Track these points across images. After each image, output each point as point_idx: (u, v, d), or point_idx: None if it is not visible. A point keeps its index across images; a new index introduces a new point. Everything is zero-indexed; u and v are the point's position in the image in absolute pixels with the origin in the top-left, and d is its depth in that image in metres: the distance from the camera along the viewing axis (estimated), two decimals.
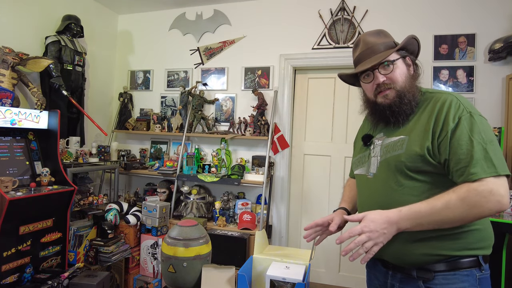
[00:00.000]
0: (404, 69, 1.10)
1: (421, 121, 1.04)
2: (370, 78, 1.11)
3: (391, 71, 1.08)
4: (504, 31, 2.50)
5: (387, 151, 1.09)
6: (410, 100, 1.07)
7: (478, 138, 0.93)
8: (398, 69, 1.09)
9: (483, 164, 0.91)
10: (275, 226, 3.08)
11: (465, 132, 0.95)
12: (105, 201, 2.85)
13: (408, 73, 1.10)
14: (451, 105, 0.99)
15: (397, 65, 1.09)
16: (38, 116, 2.32)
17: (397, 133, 1.09)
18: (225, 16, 3.31)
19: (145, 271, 2.76)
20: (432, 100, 1.06)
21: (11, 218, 1.91)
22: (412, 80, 1.10)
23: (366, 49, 1.12)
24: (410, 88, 1.07)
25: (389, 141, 1.10)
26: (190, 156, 3.09)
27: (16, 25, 2.60)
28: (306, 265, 1.23)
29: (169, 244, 1.19)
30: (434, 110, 1.02)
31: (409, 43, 1.13)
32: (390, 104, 1.08)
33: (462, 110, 0.98)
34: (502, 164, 0.92)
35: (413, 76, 1.11)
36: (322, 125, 3.12)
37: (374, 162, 1.13)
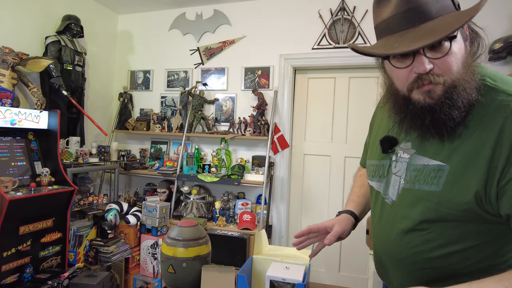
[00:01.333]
0: (462, 50, 0.68)
1: (474, 142, 0.67)
2: (408, 61, 0.68)
3: (445, 53, 0.66)
4: (504, 31, 2.50)
5: (415, 178, 0.76)
6: (465, 102, 0.68)
7: None
8: (457, 48, 0.67)
9: None
10: (275, 226, 3.08)
11: None
12: (105, 201, 2.86)
13: (466, 54, 0.69)
14: None
15: (455, 44, 0.67)
16: (38, 116, 2.32)
17: (435, 153, 0.73)
18: (225, 16, 3.31)
19: (145, 271, 2.76)
20: (494, 105, 0.67)
21: (11, 218, 1.91)
22: (471, 67, 0.69)
23: (407, 9, 0.66)
24: (467, 81, 0.68)
25: (420, 162, 0.75)
26: (190, 156, 3.09)
27: (16, 25, 2.60)
28: (306, 265, 1.23)
29: (169, 244, 1.19)
30: (495, 128, 0.65)
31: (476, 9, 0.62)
32: (434, 107, 0.69)
33: None
34: None
35: (471, 59, 0.70)
36: (322, 125, 3.12)
37: (395, 185, 0.81)
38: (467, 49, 0.70)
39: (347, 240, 0.81)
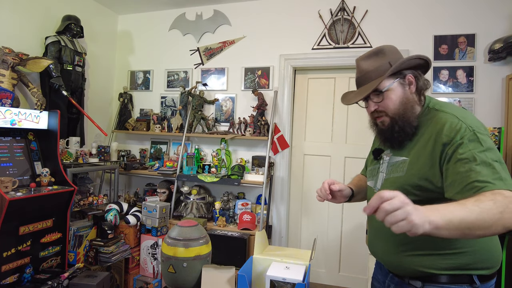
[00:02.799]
0: (400, 93, 1.07)
1: (422, 143, 1.03)
2: (366, 104, 1.13)
3: (382, 99, 1.07)
4: (504, 31, 2.50)
5: (391, 171, 1.11)
6: (403, 127, 1.06)
7: (486, 158, 0.89)
8: (393, 94, 1.06)
9: (497, 180, 0.86)
10: (275, 226, 3.08)
11: (468, 150, 0.91)
12: (105, 202, 2.85)
13: (405, 95, 1.07)
14: (452, 126, 0.96)
15: (391, 90, 1.06)
16: (38, 116, 2.32)
17: (401, 153, 1.10)
18: (225, 17, 3.31)
19: (145, 271, 2.76)
20: (434, 120, 1.03)
21: (11, 218, 1.91)
22: (410, 102, 1.07)
23: (360, 76, 1.12)
24: (405, 113, 1.06)
25: (394, 160, 1.11)
26: (190, 156, 3.09)
27: (16, 25, 2.60)
28: (306, 265, 1.23)
29: (169, 244, 1.19)
30: (433, 133, 1.00)
31: (407, 64, 1.07)
32: (387, 130, 1.09)
33: (465, 129, 0.94)
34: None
35: (412, 97, 1.08)
36: (322, 125, 3.12)
37: (381, 178, 1.15)
38: (410, 89, 1.07)
39: (347, 240, 0.87)
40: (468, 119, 0.98)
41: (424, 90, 1.10)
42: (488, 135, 0.97)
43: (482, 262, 0.99)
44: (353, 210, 2.96)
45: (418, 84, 1.08)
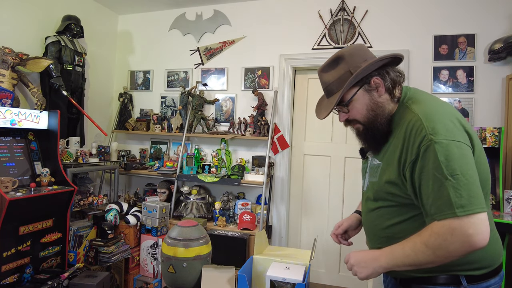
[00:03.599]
0: (366, 100, 1.02)
1: (392, 147, 1.00)
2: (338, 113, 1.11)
3: (348, 110, 1.05)
4: (504, 31, 2.50)
5: (371, 174, 1.10)
6: (373, 135, 1.03)
7: (437, 173, 0.84)
8: (358, 103, 1.03)
9: (441, 204, 0.84)
10: (275, 226, 3.08)
11: (425, 166, 0.87)
12: (105, 202, 2.85)
13: (373, 100, 1.02)
14: (414, 130, 0.91)
15: (355, 100, 1.03)
16: (38, 116, 2.32)
17: (378, 156, 1.07)
18: (225, 17, 3.31)
19: (145, 271, 2.76)
20: (403, 121, 0.98)
21: (11, 218, 1.91)
22: (380, 107, 1.02)
23: (324, 88, 1.10)
24: (376, 119, 1.02)
25: (373, 163, 1.09)
26: (190, 157, 3.09)
27: (16, 25, 2.60)
28: (306, 266, 1.23)
29: (169, 244, 1.19)
30: (401, 135, 0.96)
31: (371, 69, 1.01)
32: (363, 137, 1.08)
33: (423, 136, 0.88)
34: (466, 200, 0.82)
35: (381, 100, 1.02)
36: (322, 125, 3.11)
37: (367, 180, 1.14)
38: (378, 92, 1.02)
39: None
40: (432, 120, 0.90)
41: (397, 84, 1.03)
42: (454, 135, 0.87)
43: (472, 262, 0.94)
44: (353, 210, 2.95)
45: (386, 84, 1.02)
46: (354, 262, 1.01)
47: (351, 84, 1.00)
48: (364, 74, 1.00)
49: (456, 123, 0.91)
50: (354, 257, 1.01)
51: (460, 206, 0.81)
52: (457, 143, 0.86)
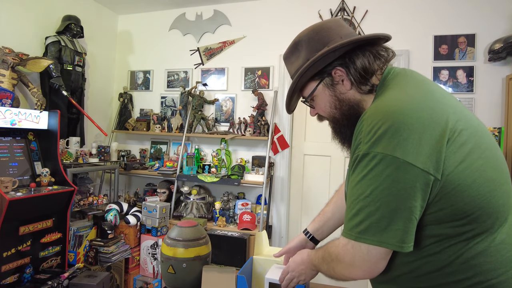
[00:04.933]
0: (326, 98, 0.86)
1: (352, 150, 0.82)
2: None
3: (313, 103, 0.91)
4: (504, 31, 2.50)
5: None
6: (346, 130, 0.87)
7: (356, 189, 0.71)
8: (319, 99, 0.88)
9: (346, 223, 0.74)
10: (275, 226, 3.08)
11: (352, 175, 0.74)
12: (105, 202, 2.85)
13: (336, 96, 0.84)
14: (357, 131, 0.75)
15: (316, 95, 0.88)
16: (38, 116, 2.32)
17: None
18: (225, 17, 3.31)
19: (145, 271, 2.76)
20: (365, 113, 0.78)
21: (11, 219, 1.91)
22: (345, 103, 0.84)
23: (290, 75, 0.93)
24: (341, 117, 0.86)
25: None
26: (190, 157, 3.09)
27: (16, 25, 2.60)
28: None
29: (169, 244, 1.19)
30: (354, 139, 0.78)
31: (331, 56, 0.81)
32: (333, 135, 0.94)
33: (361, 143, 0.71)
34: (367, 229, 0.68)
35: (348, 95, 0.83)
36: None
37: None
38: (340, 88, 0.83)
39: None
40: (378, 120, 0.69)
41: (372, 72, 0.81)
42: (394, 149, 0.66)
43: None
44: None
45: (355, 77, 0.81)
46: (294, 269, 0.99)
47: (307, 76, 0.85)
48: (321, 65, 0.82)
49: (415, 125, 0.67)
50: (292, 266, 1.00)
51: (358, 231, 0.70)
52: (390, 158, 0.66)
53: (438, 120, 0.68)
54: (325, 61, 0.82)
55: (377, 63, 0.81)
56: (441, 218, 0.69)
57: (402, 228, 0.67)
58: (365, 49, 0.81)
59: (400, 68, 0.85)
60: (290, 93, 0.91)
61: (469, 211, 0.68)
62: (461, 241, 0.69)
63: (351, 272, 0.74)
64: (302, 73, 0.84)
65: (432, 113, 0.68)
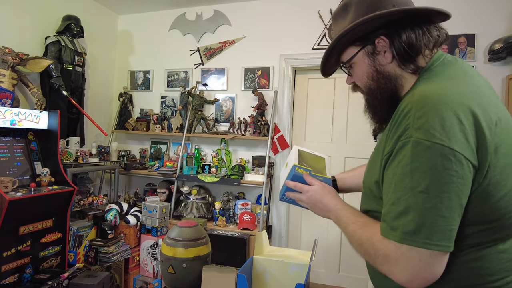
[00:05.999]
0: (364, 67, 0.82)
1: (383, 137, 0.76)
2: None
3: (351, 70, 0.87)
4: (504, 32, 2.50)
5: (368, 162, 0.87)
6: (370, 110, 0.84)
7: (401, 181, 0.65)
8: (357, 67, 0.84)
9: (390, 219, 0.66)
10: (275, 226, 3.08)
11: (395, 167, 0.67)
12: (105, 202, 2.85)
13: (374, 67, 0.80)
14: (401, 116, 0.68)
15: (355, 63, 0.84)
16: (38, 116, 2.32)
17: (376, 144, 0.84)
18: (225, 17, 3.30)
19: (145, 271, 2.76)
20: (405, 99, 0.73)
21: (11, 219, 1.91)
22: (382, 76, 0.79)
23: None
24: (377, 90, 0.80)
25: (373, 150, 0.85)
26: (190, 157, 3.09)
27: (16, 25, 2.60)
28: (306, 266, 1.23)
29: (169, 244, 1.19)
30: (391, 121, 0.72)
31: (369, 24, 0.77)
32: (365, 108, 0.87)
33: (405, 128, 0.65)
34: (414, 227, 0.62)
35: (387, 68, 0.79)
36: (322, 125, 3.12)
37: None
38: (380, 59, 0.79)
39: (347, 240, 0.86)
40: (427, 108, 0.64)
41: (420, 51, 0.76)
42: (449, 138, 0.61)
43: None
44: None
45: (399, 50, 0.76)
46: (307, 201, 0.94)
47: (350, 39, 0.81)
48: (366, 30, 0.78)
49: (466, 120, 0.62)
50: (310, 197, 0.93)
51: (408, 232, 0.63)
52: (447, 150, 0.61)
53: (487, 119, 0.65)
54: (370, 27, 0.77)
55: (424, 41, 0.76)
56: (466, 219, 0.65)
57: (455, 228, 0.63)
58: (416, 23, 0.76)
59: (451, 56, 0.79)
60: (328, 52, 0.86)
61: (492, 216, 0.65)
62: (469, 245, 0.67)
63: (397, 278, 0.65)
64: (343, 35, 0.79)
65: (483, 111, 0.65)
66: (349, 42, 0.82)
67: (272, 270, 1.25)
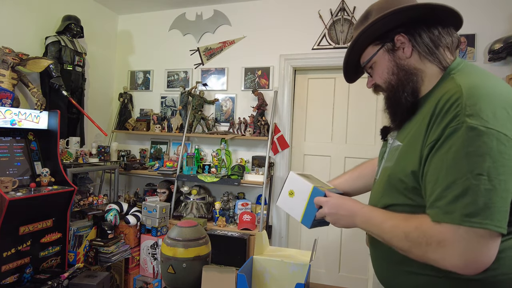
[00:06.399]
0: (385, 63, 0.86)
1: (418, 123, 0.78)
2: None
3: (372, 71, 0.92)
4: (504, 32, 2.50)
5: (387, 158, 0.90)
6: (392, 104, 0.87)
7: (456, 165, 0.65)
8: (378, 65, 0.88)
9: (444, 203, 0.66)
10: (275, 226, 3.08)
11: (444, 153, 0.68)
12: (105, 202, 2.85)
13: (395, 62, 0.84)
14: (445, 105, 0.70)
15: (375, 62, 0.89)
16: (38, 116, 2.32)
17: (400, 136, 0.87)
18: (225, 17, 3.30)
19: (145, 271, 2.76)
20: (441, 90, 0.75)
21: (11, 219, 1.91)
22: (404, 70, 0.83)
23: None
24: (398, 85, 0.84)
25: (394, 144, 0.88)
26: (190, 157, 3.09)
27: (16, 25, 2.60)
28: (306, 266, 1.23)
29: (169, 244, 1.19)
30: (431, 110, 0.73)
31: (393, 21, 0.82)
32: (385, 107, 0.91)
33: (455, 115, 0.67)
34: (479, 209, 0.62)
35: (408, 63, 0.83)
36: (322, 125, 3.12)
37: (381, 166, 0.94)
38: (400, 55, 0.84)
39: (347, 240, 0.86)
40: (478, 98, 0.67)
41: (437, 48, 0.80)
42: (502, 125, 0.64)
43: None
44: None
45: (418, 46, 0.81)
46: (329, 211, 0.90)
47: (369, 39, 0.87)
48: (385, 28, 0.84)
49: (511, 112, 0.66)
50: (331, 206, 0.90)
51: (468, 214, 0.63)
52: (502, 136, 0.63)
53: None
54: (389, 22, 0.82)
55: (445, 41, 0.81)
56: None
57: (508, 211, 0.64)
58: (432, 25, 0.81)
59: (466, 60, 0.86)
60: (349, 52, 0.91)
61: None
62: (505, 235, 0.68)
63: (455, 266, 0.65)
64: (365, 30, 0.84)
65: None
66: (368, 41, 0.88)
67: (272, 270, 1.25)
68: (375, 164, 1.13)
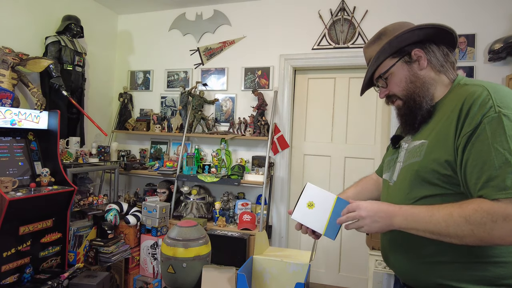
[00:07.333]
0: (404, 72, 0.97)
1: (442, 121, 0.89)
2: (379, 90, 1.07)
3: (387, 83, 1.01)
4: (504, 32, 2.50)
5: (408, 157, 0.97)
6: (413, 109, 0.96)
7: (500, 147, 0.75)
8: (395, 76, 0.99)
9: (501, 182, 0.74)
10: (275, 226, 3.08)
11: (486, 138, 0.77)
12: (105, 202, 2.85)
13: (413, 73, 0.96)
14: (476, 101, 0.81)
15: (392, 73, 0.99)
16: (38, 116, 2.32)
17: (420, 136, 0.96)
18: (225, 17, 3.31)
19: (145, 271, 2.76)
20: (459, 93, 0.88)
21: (11, 218, 1.91)
22: (421, 80, 0.96)
23: (367, 63, 1.06)
24: (415, 92, 0.96)
25: (413, 145, 0.97)
26: (190, 157, 3.09)
27: (16, 25, 2.60)
28: (306, 266, 1.23)
29: (169, 244, 1.19)
30: (456, 108, 0.85)
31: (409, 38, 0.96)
32: (401, 114, 1.01)
33: (489, 107, 0.78)
34: None
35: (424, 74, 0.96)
36: (322, 125, 3.12)
37: (397, 169, 1.01)
38: (416, 67, 0.97)
39: (347, 240, 0.86)
40: (499, 93, 0.81)
41: (446, 64, 0.96)
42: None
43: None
44: None
45: (432, 59, 0.96)
46: (367, 214, 0.89)
47: (387, 53, 0.98)
48: (402, 44, 0.96)
49: None
50: (367, 208, 0.90)
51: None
52: None
53: None
54: (404, 41, 0.96)
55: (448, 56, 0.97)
56: None
57: None
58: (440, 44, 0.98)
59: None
60: (373, 69, 1.01)
61: None
62: None
63: None
64: (384, 48, 0.96)
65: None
66: (387, 55, 0.98)
67: (272, 270, 1.25)
68: (374, 178, 1.30)
